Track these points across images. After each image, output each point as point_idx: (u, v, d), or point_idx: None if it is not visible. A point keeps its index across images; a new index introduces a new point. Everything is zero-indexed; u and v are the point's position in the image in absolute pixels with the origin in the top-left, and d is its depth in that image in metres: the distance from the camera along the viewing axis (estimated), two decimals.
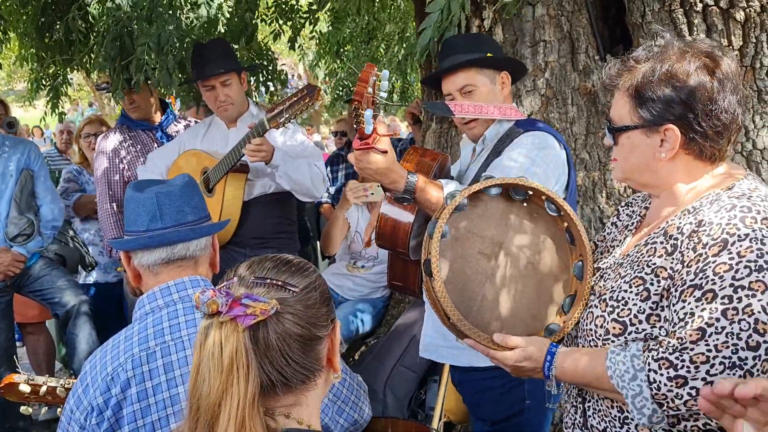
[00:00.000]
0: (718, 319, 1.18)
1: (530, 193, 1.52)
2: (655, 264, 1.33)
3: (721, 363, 1.17)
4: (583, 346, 1.45)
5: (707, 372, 1.18)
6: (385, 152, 1.70)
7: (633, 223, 1.55)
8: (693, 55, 1.33)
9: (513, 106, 2.10)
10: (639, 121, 1.36)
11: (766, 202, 1.27)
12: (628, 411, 1.34)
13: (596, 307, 1.40)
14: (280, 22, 4.47)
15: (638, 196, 1.63)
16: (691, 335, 1.20)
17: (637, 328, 1.31)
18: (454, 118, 2.12)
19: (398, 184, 1.78)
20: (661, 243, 1.35)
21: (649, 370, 1.23)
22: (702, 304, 1.20)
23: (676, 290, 1.25)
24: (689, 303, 1.22)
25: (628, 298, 1.33)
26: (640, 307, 1.31)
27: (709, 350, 1.18)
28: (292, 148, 2.95)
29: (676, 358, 1.21)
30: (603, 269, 1.50)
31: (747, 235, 1.21)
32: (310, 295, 1.03)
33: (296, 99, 2.54)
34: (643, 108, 1.35)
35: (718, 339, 1.18)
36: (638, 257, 1.39)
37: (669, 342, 1.23)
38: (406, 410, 3.01)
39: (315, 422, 1.06)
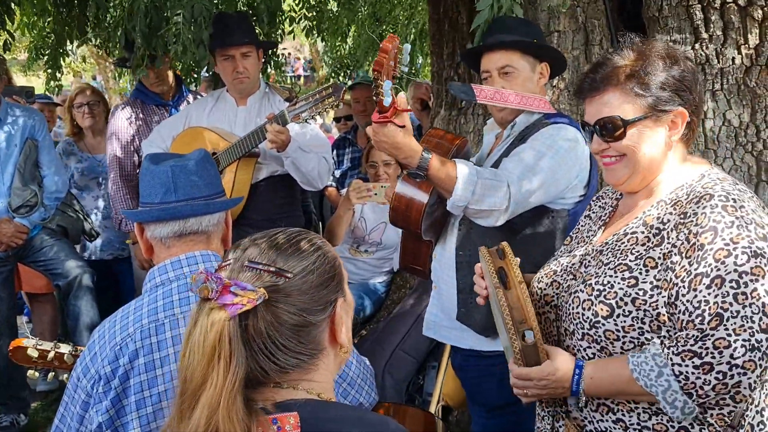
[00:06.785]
0: (731, 304, 1.22)
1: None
2: (640, 253, 1.37)
3: (742, 346, 1.21)
4: (567, 330, 1.47)
5: (731, 356, 1.22)
6: (403, 127, 1.72)
7: (606, 214, 1.59)
8: (670, 46, 1.44)
9: (544, 98, 2.07)
10: (647, 110, 1.39)
11: (737, 190, 1.34)
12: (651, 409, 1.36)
13: (581, 291, 1.42)
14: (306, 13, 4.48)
15: (609, 189, 1.65)
16: (710, 322, 1.24)
17: (624, 311, 1.35)
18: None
19: (412, 159, 1.78)
20: (643, 233, 1.39)
21: (673, 364, 1.26)
22: (713, 290, 1.24)
23: (682, 281, 1.28)
24: (701, 291, 1.25)
25: (614, 282, 1.37)
26: (626, 291, 1.35)
27: (729, 334, 1.22)
28: (302, 135, 2.94)
29: (699, 347, 1.24)
30: (581, 255, 1.53)
31: (732, 222, 1.26)
32: (307, 278, 1.00)
33: (320, 97, 2.51)
34: (650, 96, 1.38)
35: (735, 323, 1.22)
36: (619, 245, 1.42)
37: (688, 334, 1.26)
38: (403, 395, 3.03)
39: (329, 395, 1.03)
